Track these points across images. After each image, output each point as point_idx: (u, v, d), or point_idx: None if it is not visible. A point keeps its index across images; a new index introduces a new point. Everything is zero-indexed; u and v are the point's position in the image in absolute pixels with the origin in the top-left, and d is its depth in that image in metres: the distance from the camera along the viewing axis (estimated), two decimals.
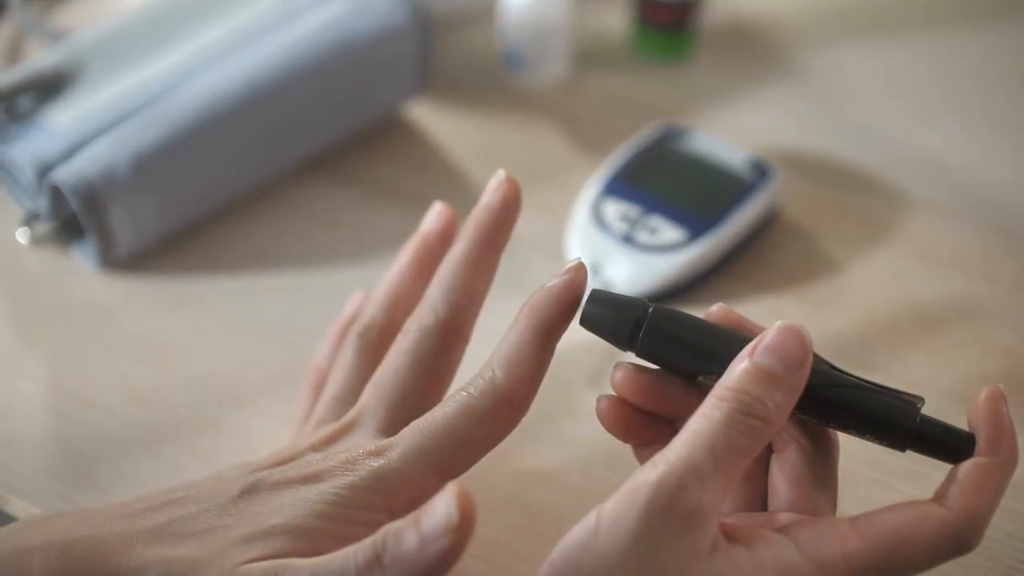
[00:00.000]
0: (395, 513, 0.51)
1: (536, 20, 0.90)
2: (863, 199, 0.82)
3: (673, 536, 0.46)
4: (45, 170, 0.76)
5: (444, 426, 0.52)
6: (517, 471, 0.65)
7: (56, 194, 0.76)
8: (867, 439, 0.51)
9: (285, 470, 0.53)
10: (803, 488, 0.52)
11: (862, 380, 0.51)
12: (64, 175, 0.74)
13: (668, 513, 0.46)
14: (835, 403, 0.51)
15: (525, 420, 0.66)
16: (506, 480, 0.65)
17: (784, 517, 0.51)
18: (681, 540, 0.46)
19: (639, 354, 0.53)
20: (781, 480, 0.53)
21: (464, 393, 0.53)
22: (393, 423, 0.55)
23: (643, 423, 0.54)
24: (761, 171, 0.79)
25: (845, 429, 0.51)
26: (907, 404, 0.51)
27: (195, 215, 0.80)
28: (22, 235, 0.78)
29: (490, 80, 0.93)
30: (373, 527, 0.50)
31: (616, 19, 0.97)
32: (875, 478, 0.64)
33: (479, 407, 0.53)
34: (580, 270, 0.54)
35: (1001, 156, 0.86)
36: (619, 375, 0.54)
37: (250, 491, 0.53)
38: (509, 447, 0.65)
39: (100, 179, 0.74)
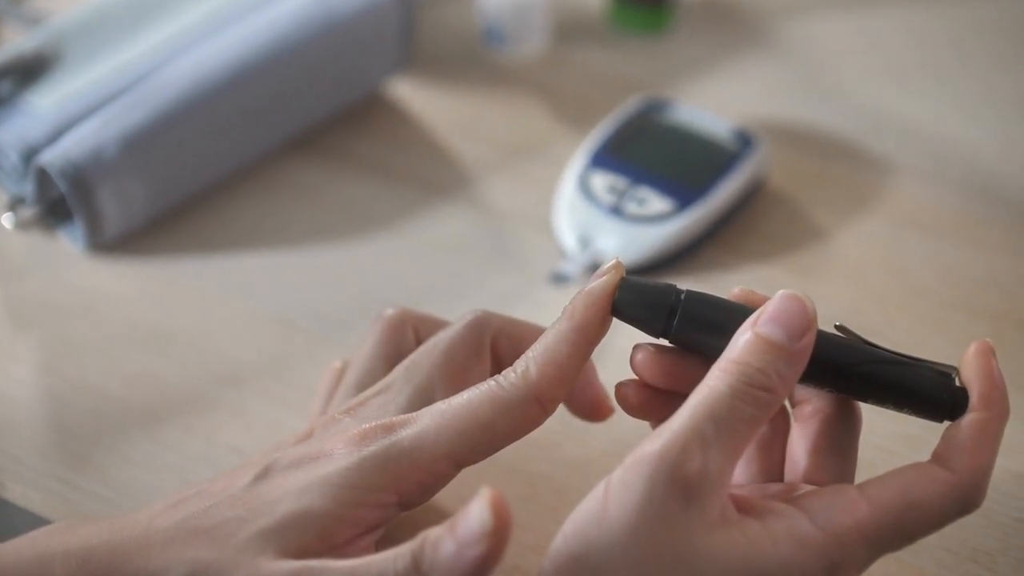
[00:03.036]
0: (403, 495, 0.51)
1: None
2: (847, 166, 0.83)
3: (679, 505, 0.46)
4: (31, 154, 0.76)
5: (467, 411, 0.51)
6: (516, 442, 0.65)
7: (43, 177, 0.75)
8: (904, 412, 0.51)
9: (300, 447, 0.53)
10: (821, 459, 0.52)
11: (895, 353, 0.51)
12: (51, 158, 0.74)
13: (672, 481, 0.46)
14: (871, 380, 0.51)
15: None
16: (505, 451, 0.64)
17: (798, 488, 0.51)
18: (687, 510, 0.46)
19: (672, 341, 0.52)
20: (801, 449, 0.53)
21: (493, 382, 0.52)
22: (416, 405, 0.54)
23: (662, 402, 0.54)
24: (745, 140, 0.79)
25: (883, 404, 0.51)
26: (944, 376, 0.51)
27: (182, 195, 0.80)
28: (7, 220, 0.77)
29: (471, 56, 0.93)
30: (381, 508, 0.51)
31: None
32: (872, 442, 0.64)
33: (507, 398, 0.51)
34: (618, 270, 0.53)
35: (983, 121, 0.87)
36: (640, 357, 0.53)
37: (262, 476, 0.52)
38: None
39: (88, 161, 0.74)
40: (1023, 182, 0.82)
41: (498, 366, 0.57)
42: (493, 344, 0.58)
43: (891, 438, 0.65)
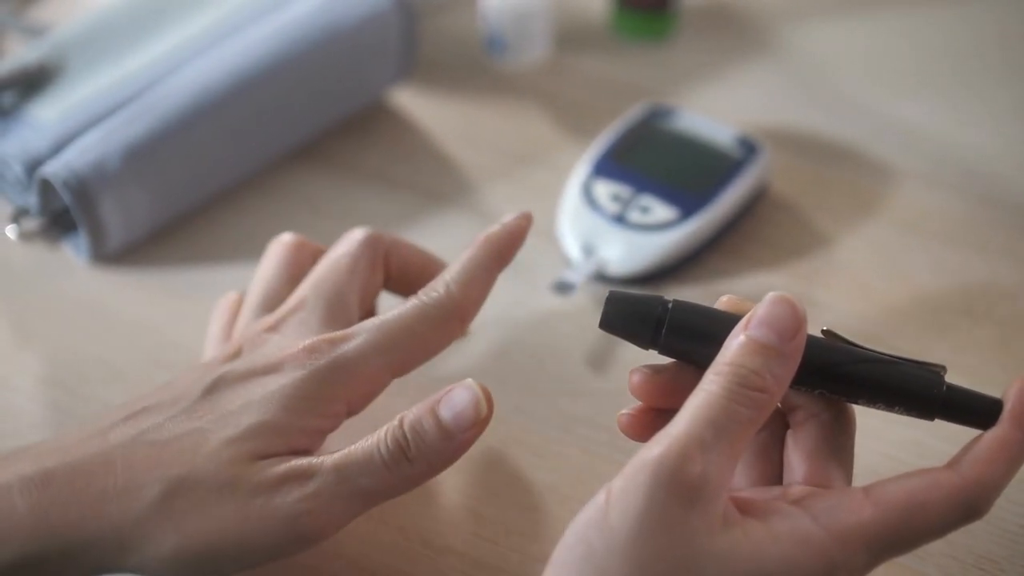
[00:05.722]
0: (352, 404, 0.56)
1: (517, 3, 0.90)
2: (849, 172, 0.83)
3: (680, 509, 0.46)
4: (34, 165, 0.76)
5: (402, 326, 0.57)
6: (519, 452, 0.65)
7: (46, 188, 0.75)
8: (895, 412, 0.52)
9: (246, 361, 0.56)
10: (818, 462, 0.52)
11: (883, 354, 0.52)
12: (54, 169, 0.74)
13: (673, 485, 0.46)
14: (861, 380, 0.51)
15: (524, 400, 0.67)
16: (509, 461, 0.65)
17: (798, 490, 0.51)
18: (689, 513, 0.47)
19: (662, 352, 0.53)
20: (797, 454, 0.53)
21: (419, 300, 0.58)
22: (332, 317, 0.59)
23: (664, 420, 0.54)
24: (749, 147, 0.79)
25: (873, 404, 0.52)
26: (932, 374, 0.51)
27: (185, 206, 0.80)
28: (11, 231, 0.77)
29: (473, 64, 0.93)
30: (333, 417, 0.55)
31: (596, 0, 0.97)
32: (877, 449, 0.64)
33: (435, 315, 0.58)
34: (528, 216, 0.62)
35: (983, 126, 0.87)
36: (637, 379, 0.54)
37: (213, 388, 0.55)
38: (511, 427, 0.66)
39: (91, 172, 0.74)
40: None
41: (388, 279, 0.64)
42: (384, 260, 0.64)
43: (897, 445, 0.65)
